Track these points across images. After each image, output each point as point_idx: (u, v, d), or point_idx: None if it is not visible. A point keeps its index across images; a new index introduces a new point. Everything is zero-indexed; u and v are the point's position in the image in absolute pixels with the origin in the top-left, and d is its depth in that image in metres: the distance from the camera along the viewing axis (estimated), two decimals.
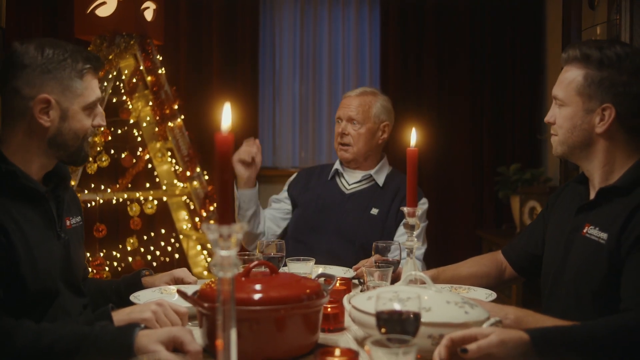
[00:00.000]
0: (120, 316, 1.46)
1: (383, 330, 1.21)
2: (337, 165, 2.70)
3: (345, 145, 2.62)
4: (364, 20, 5.27)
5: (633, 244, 1.47)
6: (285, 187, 2.78)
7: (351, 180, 2.66)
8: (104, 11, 3.78)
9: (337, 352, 1.13)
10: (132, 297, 1.70)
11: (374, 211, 2.57)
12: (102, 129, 2.91)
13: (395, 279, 1.82)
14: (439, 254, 4.47)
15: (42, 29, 4.60)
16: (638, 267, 1.45)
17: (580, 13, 3.14)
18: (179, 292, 1.36)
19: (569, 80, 1.61)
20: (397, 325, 1.19)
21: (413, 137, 1.58)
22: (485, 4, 5.18)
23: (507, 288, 4.18)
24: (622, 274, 1.48)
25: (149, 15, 3.91)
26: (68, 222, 1.68)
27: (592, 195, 1.66)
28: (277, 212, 2.68)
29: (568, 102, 1.61)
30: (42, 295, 1.51)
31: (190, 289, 1.58)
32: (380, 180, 2.63)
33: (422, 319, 1.23)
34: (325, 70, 5.27)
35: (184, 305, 1.52)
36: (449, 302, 1.34)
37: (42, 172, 1.62)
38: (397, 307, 1.21)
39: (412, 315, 1.19)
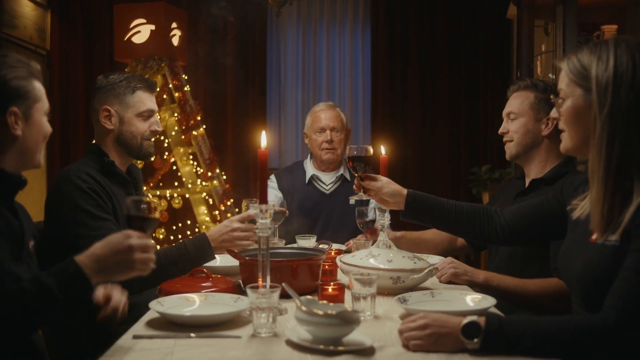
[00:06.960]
0: None
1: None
2: (311, 172, 3.12)
3: (331, 149, 3.07)
4: (357, 38, 5.98)
5: None
6: (275, 186, 3.10)
7: (327, 182, 3.11)
8: (139, 38, 4.43)
9: (331, 283, 1.82)
10: None
11: (352, 201, 3.04)
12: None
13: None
14: None
15: (81, 52, 5.26)
16: None
17: (532, 40, 3.69)
18: (229, 251, 2.01)
19: (522, 99, 2.21)
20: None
21: (382, 149, 2.22)
22: (461, 27, 5.85)
23: (477, 254, 4.70)
24: None
25: (175, 40, 4.58)
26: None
27: (527, 185, 2.23)
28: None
29: (522, 114, 2.20)
30: None
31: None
32: (347, 174, 3.11)
33: (385, 267, 1.90)
34: (324, 81, 5.97)
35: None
36: (404, 256, 2.00)
37: (125, 166, 2.22)
38: (371, 260, 1.89)
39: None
